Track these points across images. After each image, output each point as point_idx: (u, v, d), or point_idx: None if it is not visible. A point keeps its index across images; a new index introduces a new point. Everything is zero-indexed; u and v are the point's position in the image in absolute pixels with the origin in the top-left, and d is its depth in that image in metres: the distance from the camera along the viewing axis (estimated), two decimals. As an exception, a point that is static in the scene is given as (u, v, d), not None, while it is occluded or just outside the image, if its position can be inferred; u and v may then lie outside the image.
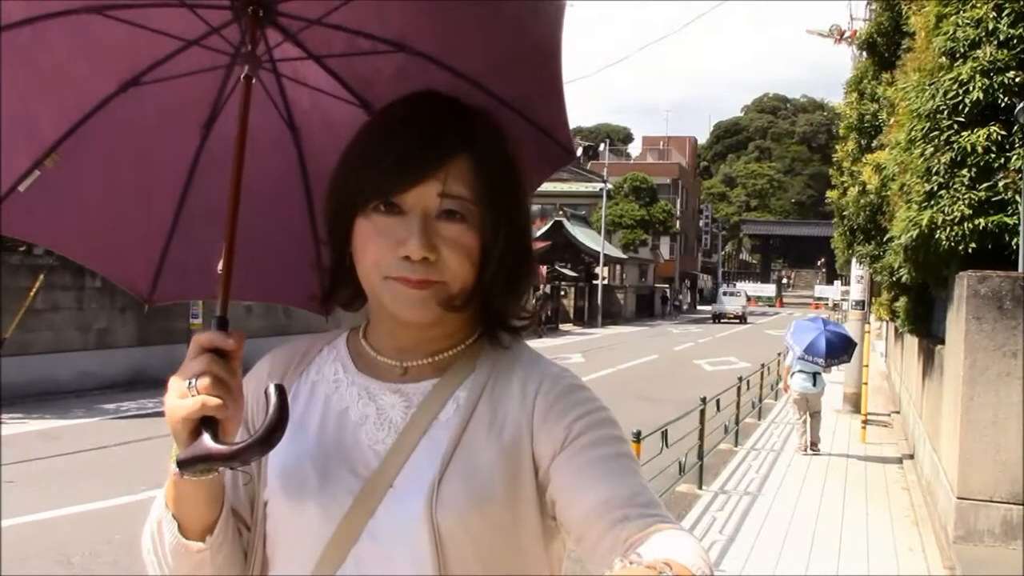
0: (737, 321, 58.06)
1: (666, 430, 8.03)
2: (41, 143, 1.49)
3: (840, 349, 12.03)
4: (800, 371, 12.29)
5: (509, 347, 1.38)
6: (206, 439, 1.15)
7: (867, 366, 14.07)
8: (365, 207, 1.26)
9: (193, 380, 1.16)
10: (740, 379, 13.29)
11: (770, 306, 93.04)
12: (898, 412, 16.14)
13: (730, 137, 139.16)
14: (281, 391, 1.17)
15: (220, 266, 1.29)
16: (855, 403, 15.56)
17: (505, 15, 1.43)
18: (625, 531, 1.14)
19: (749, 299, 72.31)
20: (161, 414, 1.21)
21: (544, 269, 41.81)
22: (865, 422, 13.90)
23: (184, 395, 1.16)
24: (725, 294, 64.40)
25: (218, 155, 1.58)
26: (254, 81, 1.36)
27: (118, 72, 1.49)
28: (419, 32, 1.44)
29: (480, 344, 1.37)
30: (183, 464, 1.16)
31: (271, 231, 1.58)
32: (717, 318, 59.81)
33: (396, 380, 1.35)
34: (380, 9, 1.42)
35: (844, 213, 13.34)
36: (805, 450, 12.41)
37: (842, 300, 48.66)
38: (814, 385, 12.34)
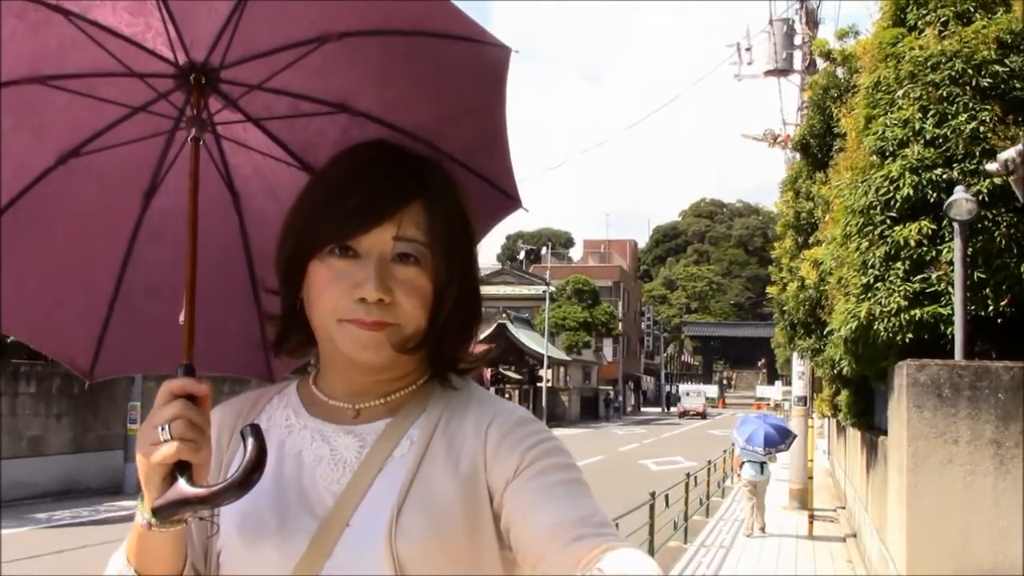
0: (699, 416, 67.00)
1: (617, 524, 7.97)
2: None
3: (778, 439, 13.50)
4: (748, 461, 13.60)
5: (460, 388, 1.40)
6: (181, 484, 1.14)
7: (811, 461, 14.17)
8: (320, 251, 1.28)
9: (166, 425, 1.15)
10: (688, 475, 13.29)
11: (712, 407, 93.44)
12: (843, 507, 16.20)
13: (669, 241, 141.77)
14: (257, 431, 1.17)
15: (182, 317, 1.29)
16: (801, 499, 15.61)
17: (447, 71, 1.47)
18: (580, 550, 1.15)
19: (708, 399, 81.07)
20: (96, 523, 1.20)
21: (488, 372, 41.65)
22: (812, 517, 13.93)
23: (157, 442, 1.15)
24: (688, 394, 74.64)
25: (157, 227, 1.59)
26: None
27: (58, 143, 1.49)
28: (361, 92, 1.47)
29: (431, 385, 1.39)
30: (159, 510, 1.14)
31: (213, 298, 1.56)
32: (683, 414, 68.82)
33: (349, 422, 1.36)
34: (322, 71, 1.45)
35: (784, 308, 13.61)
36: (751, 532, 13.64)
37: (783, 400, 49.49)
38: (761, 473, 13.60)
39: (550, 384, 51.90)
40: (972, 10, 7.62)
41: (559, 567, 1.16)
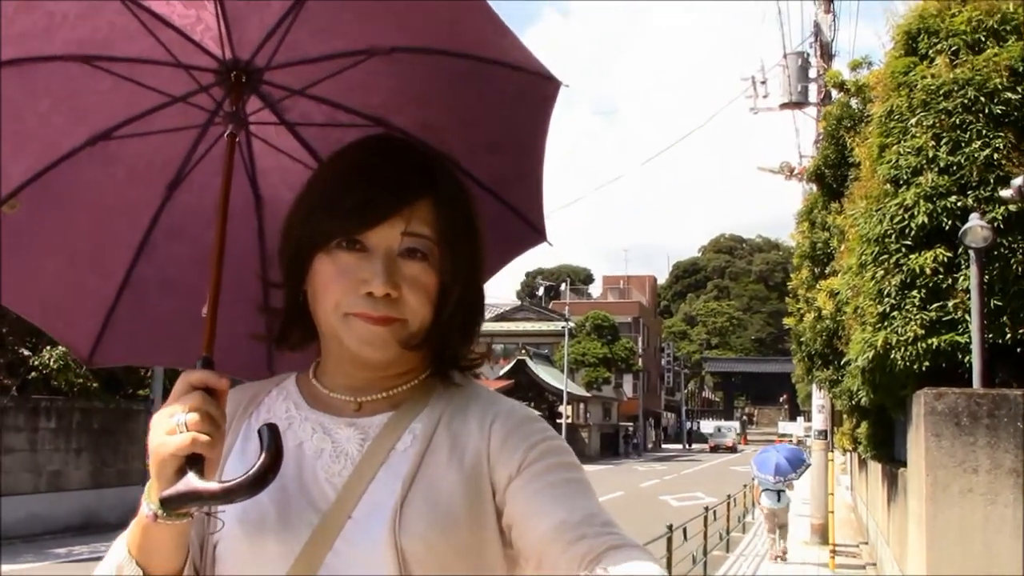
0: (731, 451, 71.46)
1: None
2: (6, 186, 1.48)
3: (790, 468, 14.13)
4: (766, 490, 14.20)
5: (462, 385, 1.40)
6: (191, 477, 1.13)
7: (832, 494, 14.02)
8: (327, 244, 1.28)
9: (183, 416, 1.15)
10: (706, 509, 13.16)
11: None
12: (866, 543, 15.98)
13: (689, 277, 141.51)
14: (275, 431, 1.17)
15: (204, 310, 1.31)
16: (822, 534, 15.41)
17: (492, 98, 1.46)
18: (584, 548, 1.15)
19: (739, 434, 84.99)
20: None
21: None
22: (833, 552, 13.75)
23: (172, 431, 1.15)
24: (719, 430, 78.74)
25: (178, 223, 1.60)
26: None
27: (92, 125, 1.49)
28: (400, 109, 1.47)
29: (433, 381, 1.39)
30: (167, 502, 1.13)
31: (224, 299, 1.58)
32: (714, 449, 72.89)
33: (350, 415, 1.35)
34: (364, 84, 1.45)
35: (802, 340, 13.55)
36: (776, 559, 14.30)
37: (805, 436, 49.26)
38: (779, 501, 14.18)
39: (570, 420, 51.63)
40: (983, 39, 7.63)
41: (562, 566, 1.16)
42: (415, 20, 1.37)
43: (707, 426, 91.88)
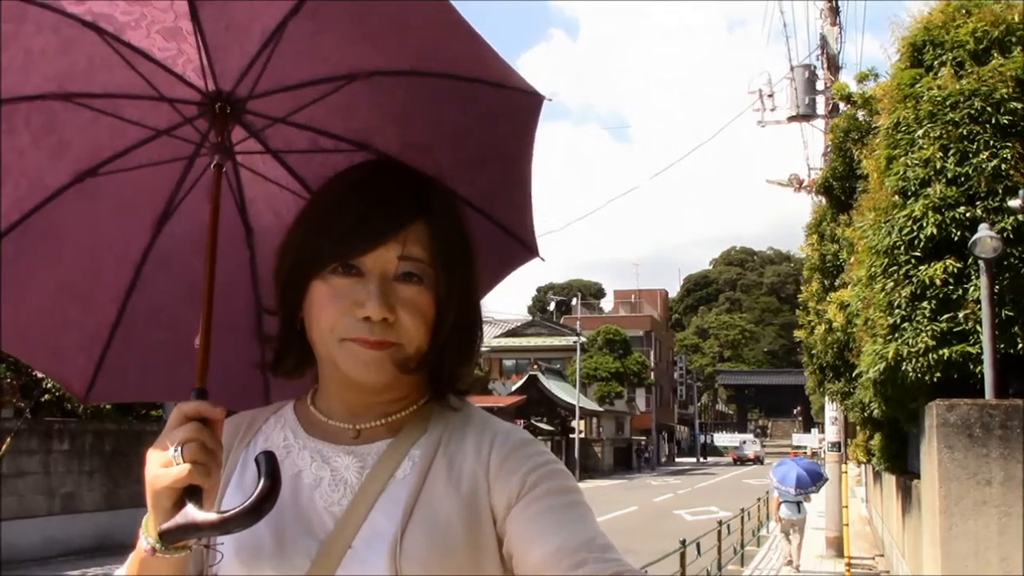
0: (757, 462, 72.94)
1: (646, 572, 7.86)
2: None
3: (809, 481, 14.70)
4: (785, 502, 14.70)
5: (459, 408, 1.40)
6: (190, 509, 1.12)
7: (846, 507, 13.93)
8: (322, 270, 1.27)
9: (179, 448, 1.14)
10: (720, 523, 13.10)
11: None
12: (882, 555, 15.88)
13: (700, 290, 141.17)
14: (272, 459, 1.16)
15: (197, 340, 1.30)
16: (838, 547, 15.32)
17: (473, 115, 1.46)
18: (584, 574, 1.14)
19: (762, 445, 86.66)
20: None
21: (520, 423, 41.50)
22: (849, 565, 13.65)
23: (168, 463, 1.14)
24: (744, 442, 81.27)
25: (166, 254, 1.59)
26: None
27: (76, 161, 1.49)
28: (383, 131, 1.47)
29: (431, 406, 1.38)
30: (166, 534, 1.12)
31: (217, 330, 1.55)
32: (739, 461, 74.60)
33: (349, 442, 1.35)
34: (346, 109, 1.45)
35: (813, 352, 13.51)
36: (790, 563, 14.91)
37: (820, 448, 49.20)
38: (798, 512, 14.70)
39: (583, 435, 51.50)
40: (988, 50, 7.63)
41: None
42: (395, 43, 1.37)
43: (721, 439, 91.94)
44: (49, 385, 16.35)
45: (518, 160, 1.55)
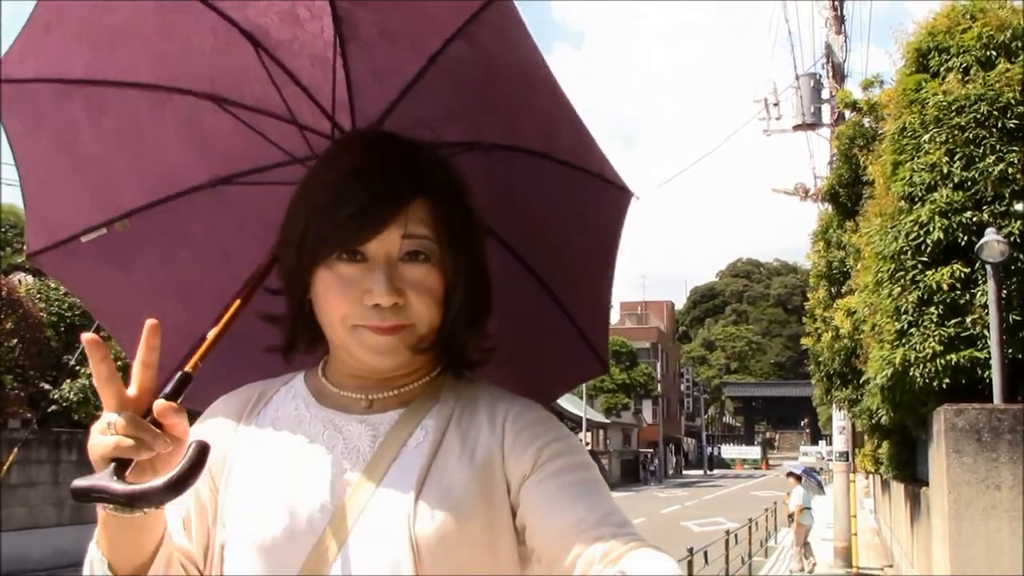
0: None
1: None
2: (118, 205, 1.50)
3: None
4: (807, 508, 15.56)
5: (470, 381, 1.40)
6: (106, 474, 1.09)
7: (855, 516, 13.88)
8: (327, 258, 1.26)
9: (113, 419, 1.11)
10: (727, 532, 13.05)
11: (756, 468, 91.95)
12: (890, 566, 15.78)
13: (707, 302, 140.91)
14: (201, 448, 1.10)
15: (211, 333, 1.30)
16: (846, 557, 15.24)
17: (575, 209, 1.48)
18: (601, 549, 1.14)
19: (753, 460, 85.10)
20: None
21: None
22: (858, 574, 13.59)
23: (104, 432, 1.11)
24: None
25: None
26: None
27: (214, 165, 1.50)
28: (488, 209, 1.45)
29: (442, 378, 1.39)
30: (76, 492, 1.10)
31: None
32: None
33: (361, 412, 1.35)
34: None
35: (820, 359, 13.48)
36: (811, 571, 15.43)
37: (820, 464, 49.72)
38: (812, 519, 15.88)
39: (590, 447, 51.39)
40: (994, 55, 7.63)
41: (579, 566, 1.15)
42: (517, 121, 1.39)
43: (728, 451, 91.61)
44: (56, 396, 16.38)
45: (606, 261, 1.54)
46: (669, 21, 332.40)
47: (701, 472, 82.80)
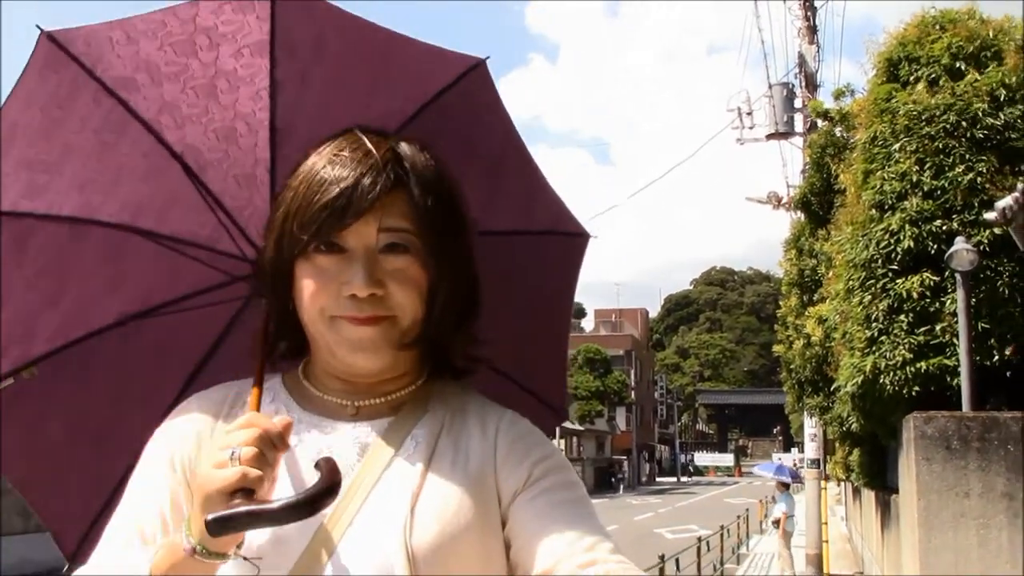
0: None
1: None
2: (27, 352, 1.42)
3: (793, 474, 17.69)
4: (792, 516, 15.83)
5: (457, 389, 1.38)
6: (241, 502, 1.08)
7: (826, 523, 13.95)
8: (305, 250, 1.24)
9: (237, 450, 1.11)
10: (699, 539, 13.07)
11: (729, 475, 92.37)
12: (862, 573, 15.87)
13: (681, 310, 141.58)
14: (331, 464, 1.13)
15: (251, 399, 1.30)
16: (817, 564, 15.30)
17: (534, 263, 1.49)
18: (584, 569, 1.14)
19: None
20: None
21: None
22: (829, 582, 13.66)
23: (223, 464, 1.11)
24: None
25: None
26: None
27: (128, 300, 1.44)
28: None
29: (430, 385, 1.36)
30: (218, 523, 1.06)
31: None
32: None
33: (348, 419, 1.32)
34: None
35: (792, 367, 13.54)
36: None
37: (799, 467, 49.68)
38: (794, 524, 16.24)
39: (563, 455, 51.32)
40: (963, 65, 7.69)
41: None
42: (495, 206, 1.38)
43: (701, 459, 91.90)
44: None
45: (561, 313, 1.54)
46: (644, 29, 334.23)
47: (674, 479, 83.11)
